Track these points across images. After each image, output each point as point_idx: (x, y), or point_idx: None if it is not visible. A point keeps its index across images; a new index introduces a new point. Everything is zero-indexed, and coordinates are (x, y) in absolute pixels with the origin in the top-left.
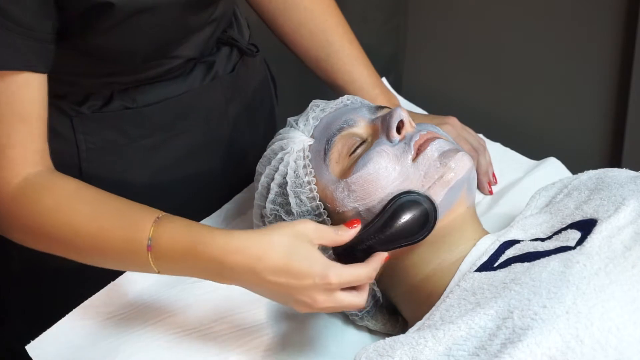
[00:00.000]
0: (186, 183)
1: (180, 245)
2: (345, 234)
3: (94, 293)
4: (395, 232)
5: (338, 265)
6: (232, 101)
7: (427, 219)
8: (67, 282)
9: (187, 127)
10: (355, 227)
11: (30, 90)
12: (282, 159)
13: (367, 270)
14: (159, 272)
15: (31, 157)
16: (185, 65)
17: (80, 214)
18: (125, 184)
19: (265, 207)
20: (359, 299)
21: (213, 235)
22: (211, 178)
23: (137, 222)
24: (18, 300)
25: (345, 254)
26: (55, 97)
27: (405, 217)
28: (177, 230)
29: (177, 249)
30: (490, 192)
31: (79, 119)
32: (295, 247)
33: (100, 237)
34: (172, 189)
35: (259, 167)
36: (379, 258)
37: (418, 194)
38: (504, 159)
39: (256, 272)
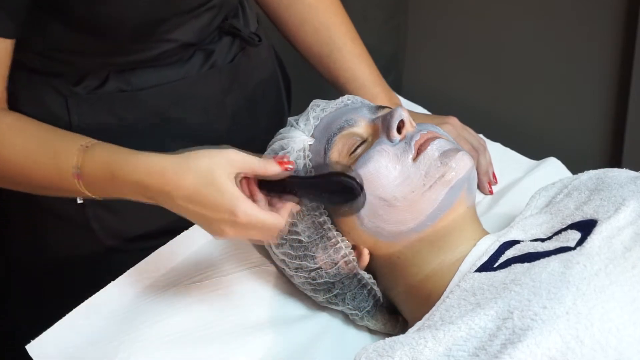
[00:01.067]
0: None
1: (102, 171)
2: (270, 168)
3: (94, 292)
4: (321, 190)
5: (248, 202)
6: (231, 92)
7: (354, 195)
8: (67, 281)
9: (182, 115)
10: (286, 167)
11: None
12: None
13: (275, 217)
14: (93, 196)
15: None
16: (182, 52)
17: (12, 147)
18: None
19: None
20: (270, 232)
21: (136, 158)
22: None
23: (65, 151)
24: (19, 294)
25: (267, 192)
26: (51, 76)
27: (336, 184)
28: (100, 158)
29: (100, 175)
30: (491, 192)
31: (74, 99)
32: (209, 176)
33: (32, 169)
34: None
35: None
36: (289, 207)
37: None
38: (503, 159)
39: (171, 196)
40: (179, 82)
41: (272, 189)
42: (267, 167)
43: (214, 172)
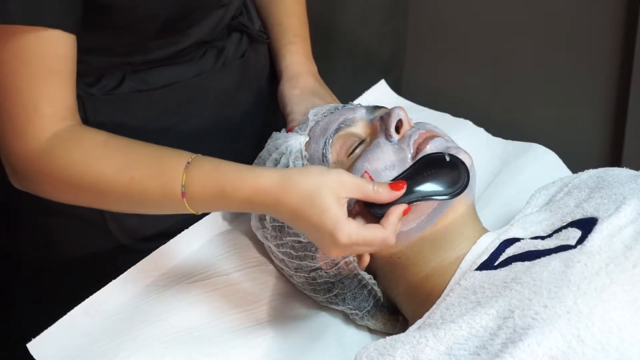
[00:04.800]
0: None
1: (210, 189)
2: (384, 194)
3: (94, 291)
4: (426, 183)
5: (351, 224)
6: (242, 87)
7: (459, 176)
8: (76, 280)
9: (197, 111)
10: (401, 189)
11: (61, 46)
12: (277, 160)
13: (381, 231)
14: (196, 213)
15: (62, 113)
16: (196, 49)
17: (111, 165)
18: None
19: None
20: (379, 245)
21: (242, 176)
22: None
23: (169, 170)
24: (26, 293)
25: (373, 213)
26: None
27: (436, 171)
28: (206, 175)
29: (208, 192)
30: None
31: (90, 101)
32: (314, 195)
33: (132, 188)
34: None
35: None
36: (397, 213)
37: (447, 154)
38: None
39: (277, 212)
40: (193, 79)
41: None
42: (381, 192)
43: (320, 192)
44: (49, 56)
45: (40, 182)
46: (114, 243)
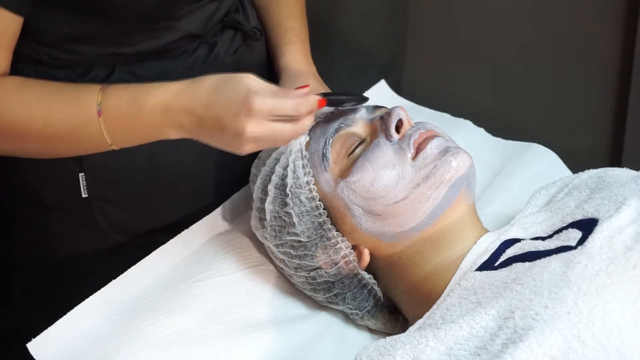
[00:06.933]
0: (188, 166)
1: (126, 100)
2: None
3: (95, 291)
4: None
5: (264, 92)
6: None
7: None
8: (71, 278)
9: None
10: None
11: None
12: (277, 159)
13: (293, 101)
14: (111, 145)
15: None
16: (188, 43)
17: (29, 101)
18: (123, 163)
19: (264, 209)
20: (296, 128)
21: (158, 85)
22: (216, 165)
23: (84, 94)
24: (22, 292)
25: None
26: (57, 68)
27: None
28: (122, 90)
29: (123, 105)
30: None
31: None
32: (224, 81)
33: (51, 117)
34: (173, 168)
35: (254, 168)
36: (305, 91)
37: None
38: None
39: (190, 110)
40: (184, 74)
41: None
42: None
43: (231, 80)
44: None
45: None
46: (106, 239)
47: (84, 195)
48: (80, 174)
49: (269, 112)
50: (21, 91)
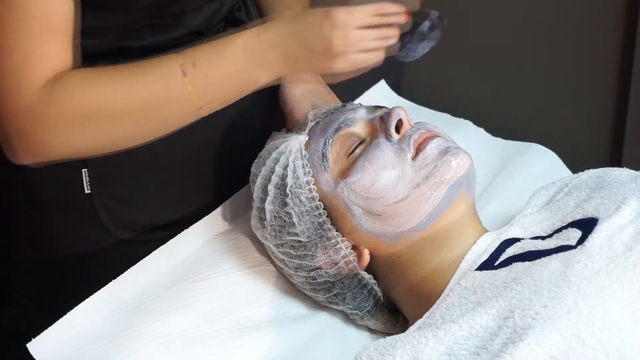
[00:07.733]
0: (192, 163)
1: (208, 54)
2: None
3: (95, 291)
4: None
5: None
6: None
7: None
8: (73, 277)
9: None
10: None
11: (62, 6)
12: (277, 159)
13: (375, 5)
14: (200, 109)
15: (57, 69)
16: (191, 40)
17: (110, 77)
18: (126, 159)
19: (264, 209)
20: (383, 33)
21: (235, 34)
22: (221, 159)
23: (165, 61)
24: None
25: None
26: None
27: None
28: (202, 48)
29: (207, 59)
30: None
31: None
32: (302, 13)
33: (136, 88)
34: (175, 164)
35: (254, 168)
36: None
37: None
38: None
39: (275, 43)
40: None
41: None
42: None
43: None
44: (53, 13)
45: (47, 132)
46: (108, 236)
47: (87, 191)
48: (83, 170)
49: (352, 19)
50: (95, 72)
